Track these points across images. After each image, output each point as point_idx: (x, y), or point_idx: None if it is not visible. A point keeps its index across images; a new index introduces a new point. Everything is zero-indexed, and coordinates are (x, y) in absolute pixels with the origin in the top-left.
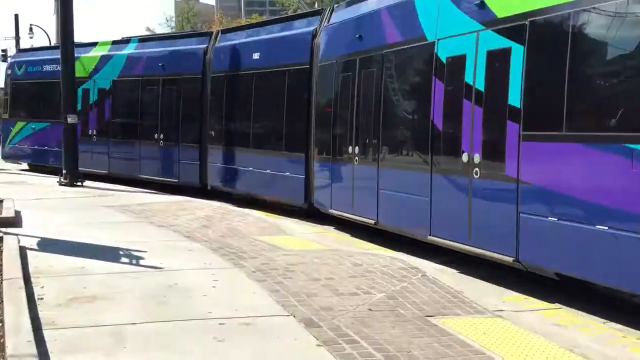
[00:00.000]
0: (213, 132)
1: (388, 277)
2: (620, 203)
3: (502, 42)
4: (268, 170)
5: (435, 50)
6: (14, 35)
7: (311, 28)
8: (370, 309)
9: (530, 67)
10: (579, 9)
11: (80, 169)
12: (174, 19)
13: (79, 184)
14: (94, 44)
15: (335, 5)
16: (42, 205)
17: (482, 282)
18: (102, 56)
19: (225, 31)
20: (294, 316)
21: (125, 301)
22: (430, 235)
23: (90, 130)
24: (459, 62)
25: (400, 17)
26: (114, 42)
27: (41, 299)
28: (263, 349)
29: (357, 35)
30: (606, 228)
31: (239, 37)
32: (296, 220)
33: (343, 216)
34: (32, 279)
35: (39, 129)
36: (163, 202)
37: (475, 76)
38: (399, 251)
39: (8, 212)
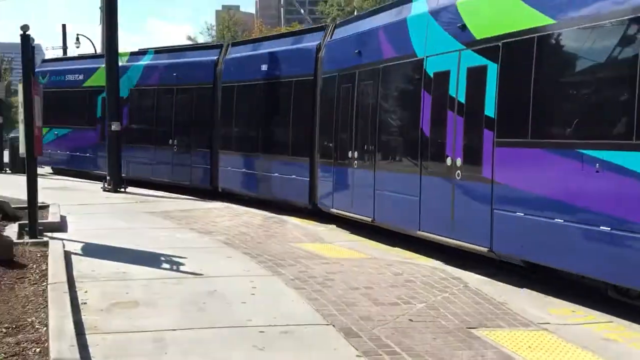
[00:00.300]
0: (224, 138)
1: (429, 287)
2: (573, 199)
3: (480, 60)
4: (275, 174)
5: (424, 66)
6: (61, 45)
7: (316, 43)
8: (410, 320)
9: (502, 82)
10: (541, 34)
11: (98, 171)
12: (215, 27)
13: (122, 189)
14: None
15: (337, 22)
16: (86, 211)
17: (528, 294)
18: (121, 66)
19: (235, 44)
20: (333, 325)
21: (166, 307)
22: (419, 230)
23: None
24: (444, 77)
25: (394, 35)
26: (132, 54)
27: (84, 303)
28: (303, 359)
29: (356, 51)
30: (562, 221)
31: (248, 50)
32: (331, 226)
33: (344, 215)
34: (76, 284)
35: (61, 135)
36: (203, 209)
37: (458, 89)
38: (435, 259)
39: (54, 217)
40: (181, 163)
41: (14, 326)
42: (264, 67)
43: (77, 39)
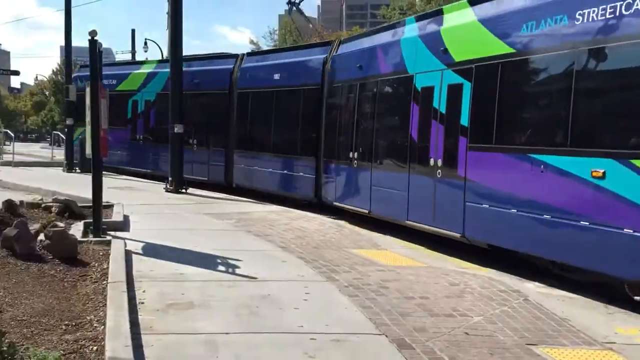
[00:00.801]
0: (238, 139)
1: (487, 300)
2: (524, 193)
3: (458, 79)
4: (285, 171)
5: (414, 81)
6: (130, 49)
7: (323, 56)
8: (466, 333)
9: (474, 98)
10: (503, 60)
11: (128, 167)
12: (277, 32)
13: (184, 191)
14: (142, 63)
15: (342, 39)
16: (148, 211)
17: (591, 309)
18: (149, 73)
19: (250, 54)
20: (386, 335)
21: (220, 310)
22: (407, 220)
23: (138, 136)
24: (429, 92)
25: (390, 54)
26: (159, 61)
27: (142, 303)
28: None
29: (358, 65)
30: (516, 211)
31: (262, 60)
32: (393, 237)
33: (344, 208)
34: (135, 283)
35: None
36: (260, 212)
37: (440, 102)
38: (496, 269)
39: (117, 217)
40: (200, 161)
41: (73, 324)
42: (277, 76)
43: (145, 43)
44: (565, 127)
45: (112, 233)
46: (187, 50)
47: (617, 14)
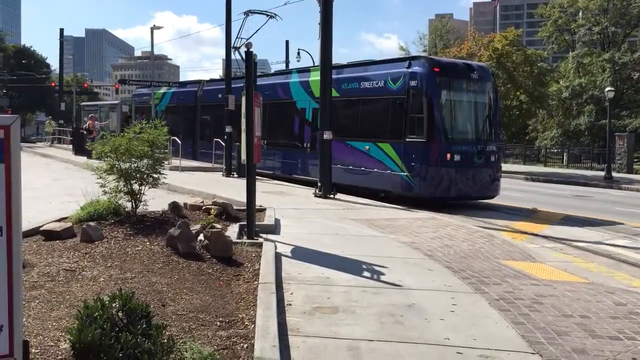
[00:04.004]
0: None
1: None
2: (345, 159)
3: (316, 105)
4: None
5: (296, 104)
6: (284, 59)
7: (196, 88)
8: (634, 359)
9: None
10: (336, 99)
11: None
12: (427, 37)
13: (332, 196)
14: (160, 87)
15: (207, 79)
16: (298, 215)
17: None
18: (164, 93)
19: (173, 84)
20: (540, 355)
21: (364, 316)
22: (295, 175)
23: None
24: (303, 110)
25: (283, 88)
26: (168, 86)
27: (289, 304)
28: None
29: (219, 95)
30: (343, 167)
31: (174, 89)
32: (547, 246)
33: (260, 172)
34: (284, 285)
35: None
36: (406, 218)
37: (309, 116)
38: None
39: (269, 220)
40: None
41: (227, 321)
42: (176, 98)
43: (298, 53)
44: (358, 128)
45: (264, 235)
46: (335, 59)
47: (371, 87)
